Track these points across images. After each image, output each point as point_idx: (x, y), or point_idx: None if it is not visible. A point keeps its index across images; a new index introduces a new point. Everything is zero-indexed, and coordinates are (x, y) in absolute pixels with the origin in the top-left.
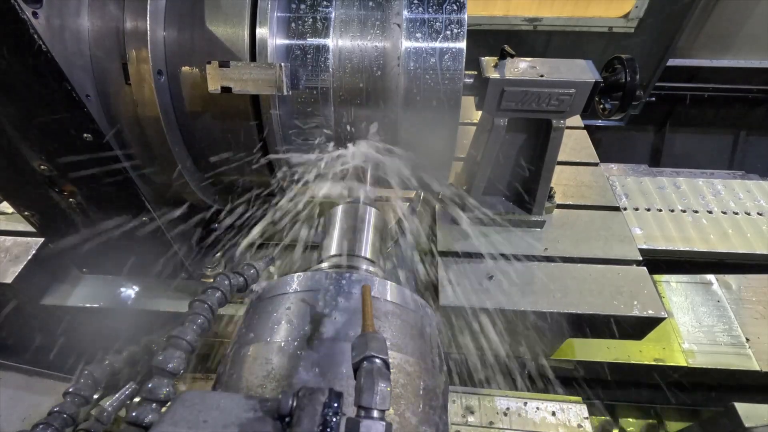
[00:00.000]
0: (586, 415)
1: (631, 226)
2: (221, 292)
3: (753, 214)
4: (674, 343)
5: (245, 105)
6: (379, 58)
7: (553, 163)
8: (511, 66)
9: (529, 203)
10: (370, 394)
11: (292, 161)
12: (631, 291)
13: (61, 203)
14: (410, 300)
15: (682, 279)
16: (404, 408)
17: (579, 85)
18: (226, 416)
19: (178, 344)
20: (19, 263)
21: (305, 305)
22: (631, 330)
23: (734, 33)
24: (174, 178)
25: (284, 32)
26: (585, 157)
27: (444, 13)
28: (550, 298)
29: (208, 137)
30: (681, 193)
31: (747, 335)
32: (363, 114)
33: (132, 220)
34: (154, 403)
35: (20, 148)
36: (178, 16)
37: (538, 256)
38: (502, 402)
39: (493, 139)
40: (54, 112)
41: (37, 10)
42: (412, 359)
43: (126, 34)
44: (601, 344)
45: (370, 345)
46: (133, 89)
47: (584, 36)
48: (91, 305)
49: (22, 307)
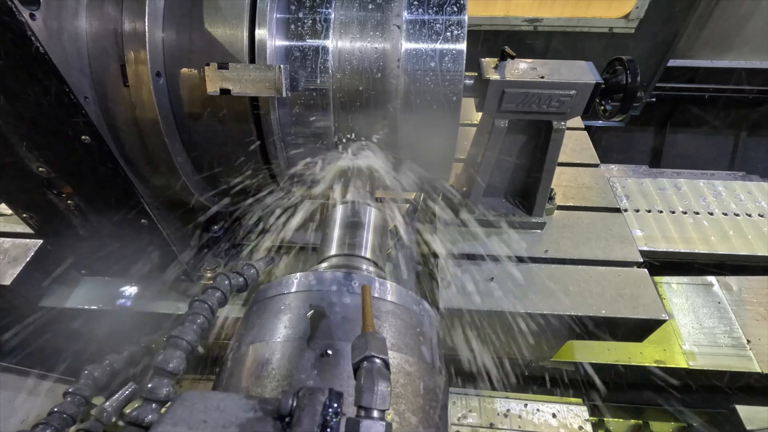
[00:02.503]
0: (586, 417)
1: (632, 228)
2: (221, 292)
3: (754, 216)
4: (675, 344)
5: (244, 107)
6: (378, 59)
7: (553, 164)
8: (512, 67)
9: (529, 205)
10: (370, 394)
11: (291, 163)
12: (632, 293)
13: (60, 205)
14: (410, 300)
15: (683, 280)
16: (404, 408)
17: (580, 86)
18: (226, 416)
19: (178, 344)
20: (17, 265)
21: (305, 305)
22: (631, 332)
23: (735, 34)
24: (173, 180)
25: (283, 34)
26: (585, 158)
27: (444, 14)
28: (551, 300)
29: (206, 139)
30: (682, 194)
31: (748, 337)
32: (363, 116)
33: (130, 222)
34: (154, 403)
35: (18, 150)
36: (177, 17)
37: (539, 257)
38: (503, 403)
39: (493, 140)
40: (52, 114)
41: (35, 11)
42: (412, 359)
43: (124, 35)
44: (602, 346)
45: (370, 345)
46: (131, 91)
47: (584, 37)
48: (90, 307)
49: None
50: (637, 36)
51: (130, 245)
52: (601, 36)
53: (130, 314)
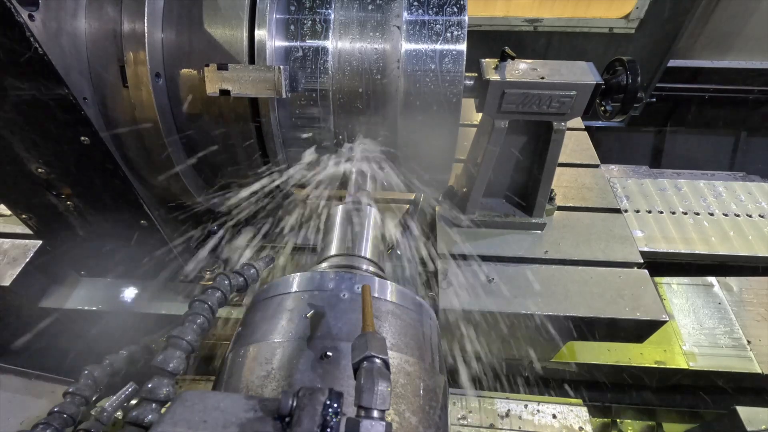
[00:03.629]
0: (586, 418)
1: (632, 229)
2: (221, 292)
3: (755, 216)
4: (675, 345)
5: (244, 108)
6: (378, 60)
7: (553, 165)
8: (512, 68)
9: (529, 205)
10: (370, 394)
11: (291, 164)
12: (632, 294)
13: (59, 206)
14: (410, 300)
15: (683, 281)
16: (404, 408)
17: (580, 87)
18: (226, 416)
19: (178, 344)
20: (17, 266)
21: (305, 305)
22: (632, 333)
23: (735, 34)
24: (172, 181)
25: (283, 34)
26: (585, 158)
27: (444, 15)
28: (551, 301)
29: (206, 140)
30: (682, 195)
31: (748, 337)
32: (362, 116)
33: (130, 223)
34: (154, 403)
35: (17, 151)
36: (176, 17)
37: (539, 258)
38: (503, 404)
39: (493, 141)
40: (51, 115)
41: (34, 12)
42: (412, 359)
43: (123, 36)
44: (602, 347)
45: (370, 345)
46: (130, 92)
47: (585, 37)
48: (89, 308)
49: (21, 310)
50: (637, 36)
51: (129, 246)
52: (602, 36)
53: (129, 315)
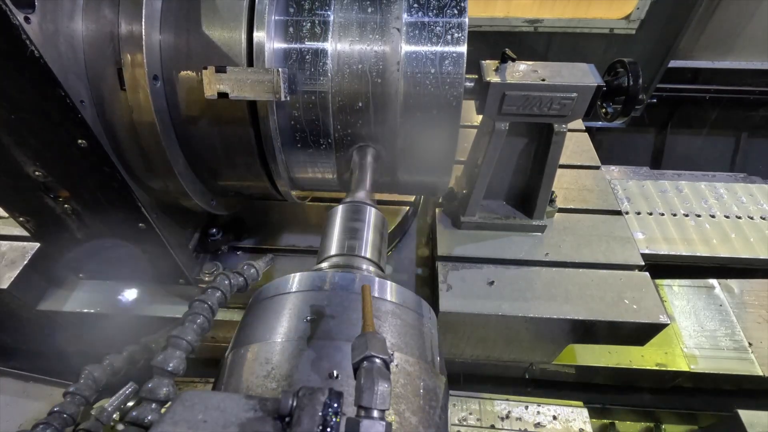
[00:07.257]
0: (586, 419)
1: (633, 231)
2: (221, 292)
3: (756, 218)
4: (676, 347)
5: (242, 110)
6: (378, 62)
7: (554, 167)
8: (512, 70)
9: (530, 207)
10: (370, 394)
11: (290, 166)
12: (634, 296)
13: (57, 209)
14: (410, 300)
15: (684, 283)
16: (404, 408)
17: (581, 89)
18: (226, 416)
19: (178, 344)
20: (15, 268)
21: (305, 305)
22: (633, 336)
23: (736, 34)
24: (170, 183)
25: (282, 36)
26: (586, 160)
27: (444, 17)
28: (552, 304)
29: (204, 143)
30: (683, 196)
31: (749, 340)
32: (362, 119)
33: (128, 226)
34: (154, 403)
35: (14, 154)
36: (174, 19)
37: (539, 260)
38: (503, 406)
39: (494, 143)
40: (48, 118)
41: (30, 14)
42: (412, 359)
43: (121, 38)
44: (603, 349)
45: (370, 345)
46: (128, 95)
47: (585, 37)
48: (88, 311)
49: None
50: (638, 37)
51: (127, 249)
52: (602, 37)
53: (128, 317)
